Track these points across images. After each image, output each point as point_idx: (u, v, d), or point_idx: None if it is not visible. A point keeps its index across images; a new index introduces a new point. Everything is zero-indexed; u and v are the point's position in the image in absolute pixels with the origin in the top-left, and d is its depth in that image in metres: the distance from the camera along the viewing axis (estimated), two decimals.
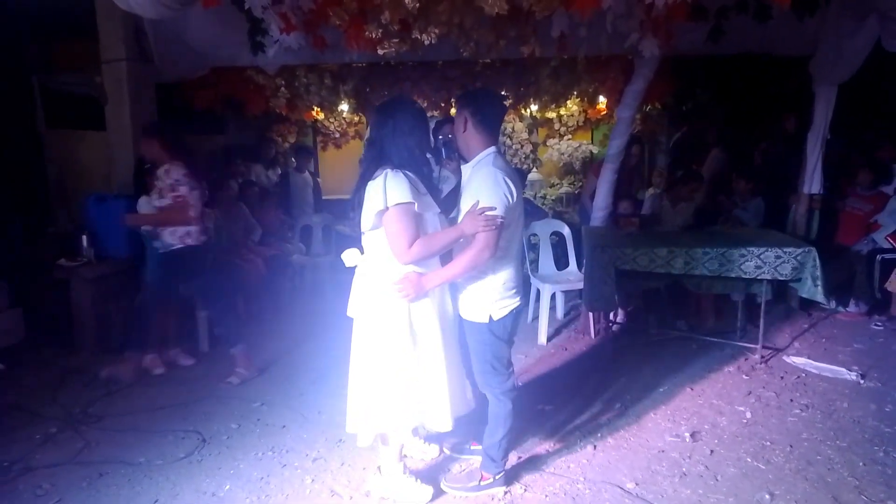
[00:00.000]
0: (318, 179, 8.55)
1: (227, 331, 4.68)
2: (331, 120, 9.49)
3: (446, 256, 2.98)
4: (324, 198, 8.25)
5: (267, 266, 5.85)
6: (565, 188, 9.38)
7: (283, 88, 7.20)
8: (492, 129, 2.91)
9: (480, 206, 2.75)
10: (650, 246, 4.61)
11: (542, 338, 5.21)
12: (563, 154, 9.50)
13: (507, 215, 2.79)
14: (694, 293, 5.38)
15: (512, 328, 3.07)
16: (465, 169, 2.95)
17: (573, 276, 5.58)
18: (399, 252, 2.75)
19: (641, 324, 5.59)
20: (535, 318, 5.58)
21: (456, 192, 3.05)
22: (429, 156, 2.88)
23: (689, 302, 5.67)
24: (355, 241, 3.01)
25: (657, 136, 8.95)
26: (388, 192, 2.70)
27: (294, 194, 7.71)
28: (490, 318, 2.96)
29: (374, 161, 2.82)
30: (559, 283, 5.47)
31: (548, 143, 9.60)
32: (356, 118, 9.41)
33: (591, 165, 7.03)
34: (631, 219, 5.33)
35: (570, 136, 9.52)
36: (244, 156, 7.83)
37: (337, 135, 9.65)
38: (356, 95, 7.78)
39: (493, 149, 2.90)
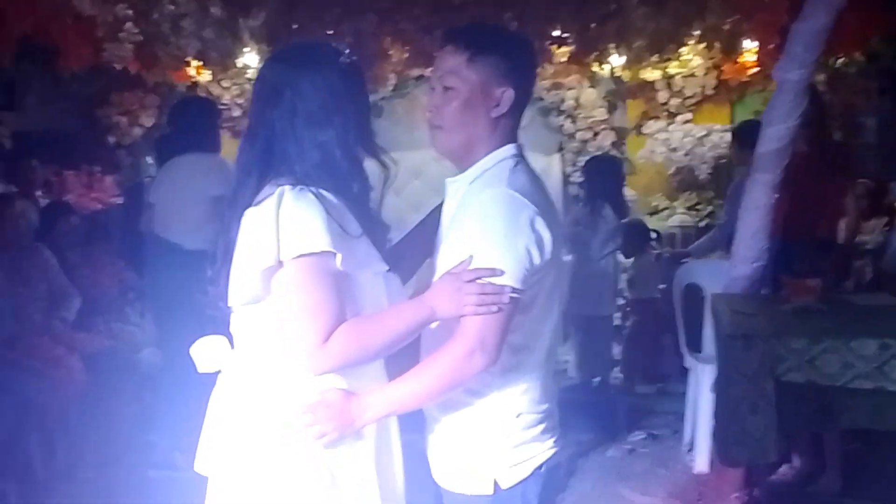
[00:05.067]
0: None
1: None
2: (224, 84, 7.49)
3: (405, 359, 1.98)
4: None
5: (89, 371, 4.54)
6: (681, 215, 7.00)
7: (129, 24, 5.52)
8: (523, 110, 2.00)
9: (475, 264, 1.81)
10: (845, 335, 3.48)
11: (702, 462, 4.25)
12: (674, 150, 6.96)
13: (530, 286, 1.83)
14: None
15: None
16: (453, 186, 1.99)
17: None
18: (306, 350, 1.80)
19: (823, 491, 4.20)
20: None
21: (428, 228, 2.13)
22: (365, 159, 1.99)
23: None
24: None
25: (855, 114, 6.85)
26: (283, 229, 1.77)
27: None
28: (495, 486, 1.93)
29: (254, 169, 1.88)
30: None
31: (645, 131, 7.16)
32: None
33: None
34: (806, 281, 3.92)
35: (689, 116, 7.06)
36: (53, 154, 6.20)
37: (236, 112, 7.53)
38: (271, 36, 5.81)
39: (512, 148, 1.94)
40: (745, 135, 5.12)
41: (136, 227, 5.60)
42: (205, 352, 1.98)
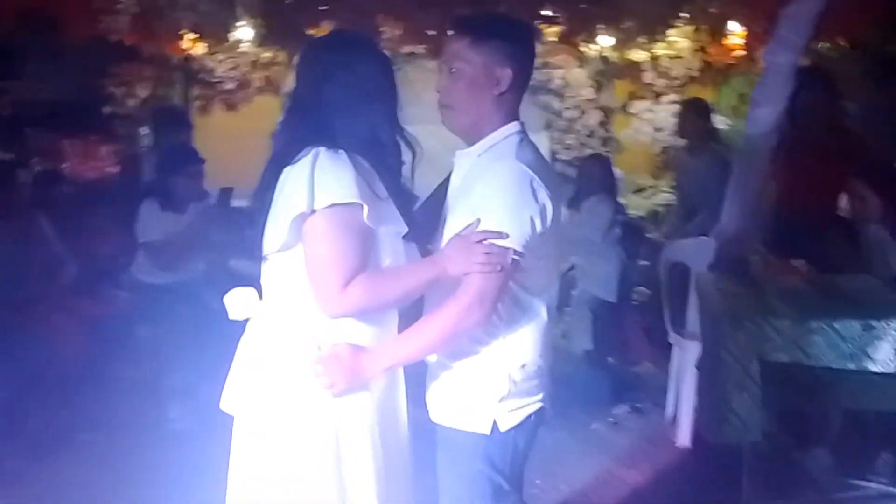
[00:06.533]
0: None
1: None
2: (219, 57, 7.50)
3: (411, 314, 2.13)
4: None
5: (89, 336, 4.51)
6: (665, 194, 6.94)
7: None
8: (524, 90, 2.11)
9: (482, 227, 1.92)
10: (829, 316, 3.37)
11: (683, 437, 4.21)
12: (660, 130, 7.01)
13: (531, 250, 1.94)
14: None
15: (525, 452, 2.11)
16: (462, 159, 2.11)
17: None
18: (326, 293, 1.90)
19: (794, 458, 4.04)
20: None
21: (437, 200, 2.22)
22: (399, 139, 2.08)
23: None
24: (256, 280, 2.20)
25: (842, 98, 6.83)
26: (317, 181, 1.87)
27: None
28: (494, 427, 2.02)
29: (299, 134, 1.96)
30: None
31: (631, 110, 7.28)
32: (266, 55, 7.42)
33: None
34: (791, 262, 3.91)
35: (675, 97, 7.07)
36: (52, 123, 6.18)
37: (230, 85, 7.69)
38: (267, 12, 6.35)
39: (516, 126, 2.06)
40: (697, 108, 5.41)
41: (136, 195, 5.34)
42: (236, 301, 2.09)
